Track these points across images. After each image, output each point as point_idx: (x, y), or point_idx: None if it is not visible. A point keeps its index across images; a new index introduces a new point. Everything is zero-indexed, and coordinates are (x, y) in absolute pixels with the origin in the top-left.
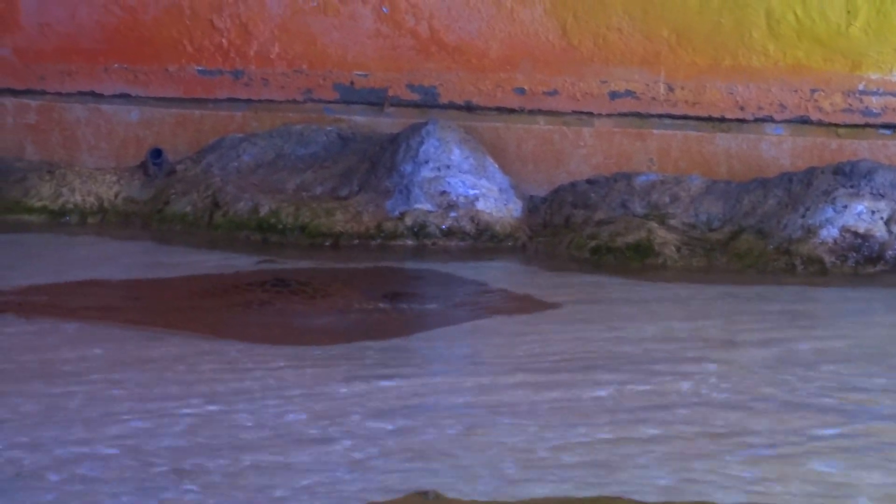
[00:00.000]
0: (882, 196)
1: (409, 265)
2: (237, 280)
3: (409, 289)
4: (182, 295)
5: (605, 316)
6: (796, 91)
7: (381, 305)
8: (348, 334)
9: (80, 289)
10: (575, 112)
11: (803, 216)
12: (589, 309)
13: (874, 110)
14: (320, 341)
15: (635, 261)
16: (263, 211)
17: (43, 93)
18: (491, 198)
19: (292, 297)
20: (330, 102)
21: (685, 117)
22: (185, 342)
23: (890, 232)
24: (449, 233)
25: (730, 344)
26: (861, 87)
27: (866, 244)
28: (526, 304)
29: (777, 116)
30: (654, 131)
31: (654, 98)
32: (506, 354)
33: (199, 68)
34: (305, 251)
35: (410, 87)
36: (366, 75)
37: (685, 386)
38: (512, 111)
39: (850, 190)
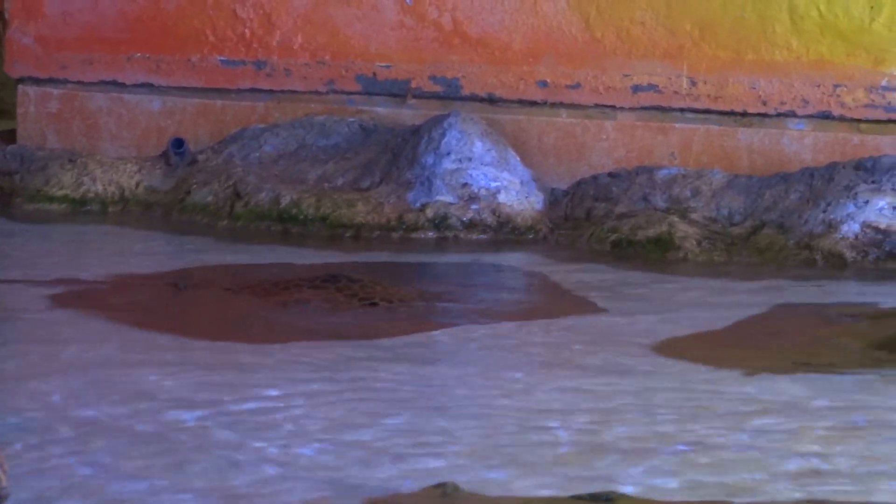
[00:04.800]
0: None
1: (455, 258)
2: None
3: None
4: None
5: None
6: (819, 86)
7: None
8: None
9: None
10: (597, 105)
11: (824, 211)
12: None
13: None
14: None
15: (656, 254)
16: (285, 202)
17: (65, 81)
18: (512, 190)
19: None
20: (352, 94)
21: (707, 111)
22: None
23: None
24: (470, 225)
25: None
26: (884, 82)
27: (888, 240)
28: (567, 306)
29: (799, 111)
30: (676, 125)
31: (676, 92)
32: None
33: (222, 58)
34: (326, 242)
35: (433, 78)
36: (388, 67)
37: None
38: (534, 104)
39: (872, 185)
